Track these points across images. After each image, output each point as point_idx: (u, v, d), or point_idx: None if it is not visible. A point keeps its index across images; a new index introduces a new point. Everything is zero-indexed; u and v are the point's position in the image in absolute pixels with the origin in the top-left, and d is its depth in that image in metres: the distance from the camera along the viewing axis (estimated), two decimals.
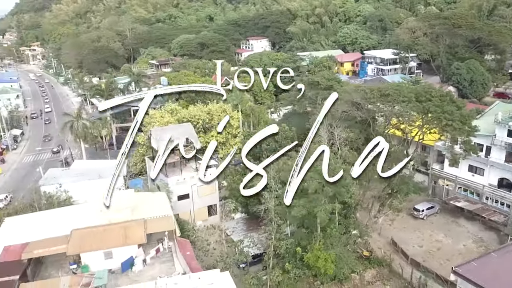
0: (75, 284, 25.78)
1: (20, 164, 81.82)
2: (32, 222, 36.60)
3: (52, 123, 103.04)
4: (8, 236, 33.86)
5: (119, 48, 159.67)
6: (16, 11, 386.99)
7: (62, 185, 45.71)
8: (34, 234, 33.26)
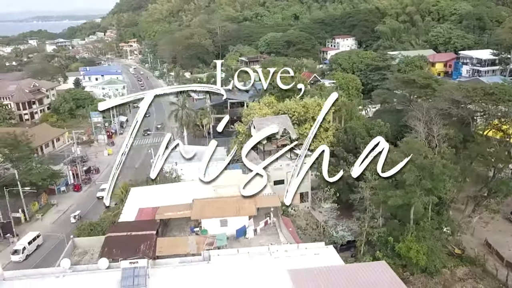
0: (200, 243, 30.38)
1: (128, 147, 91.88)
2: (154, 192, 42.62)
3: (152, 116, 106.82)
4: (138, 201, 39.99)
5: (210, 45, 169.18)
6: (116, 10, 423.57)
7: (173, 164, 51.84)
8: (158, 201, 39.01)
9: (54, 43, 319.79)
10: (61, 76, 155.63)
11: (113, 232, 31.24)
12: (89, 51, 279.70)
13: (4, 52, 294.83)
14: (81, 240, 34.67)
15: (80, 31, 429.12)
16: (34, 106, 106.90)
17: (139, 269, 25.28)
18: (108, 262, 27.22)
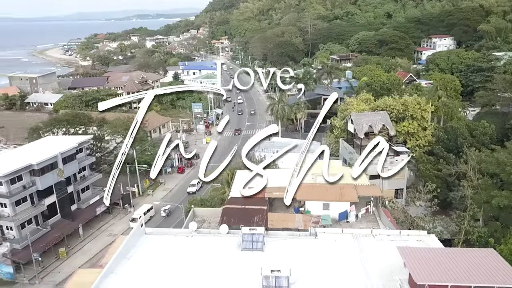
0: (306, 221, 33.48)
1: (222, 137, 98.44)
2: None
3: (244, 114, 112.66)
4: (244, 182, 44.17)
5: (300, 43, 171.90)
6: (209, 9, 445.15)
7: (268, 154, 55.61)
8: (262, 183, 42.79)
9: (153, 40, 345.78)
10: (161, 69, 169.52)
11: (229, 204, 35.56)
12: (183, 47, 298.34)
13: (111, 47, 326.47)
14: (200, 210, 39.78)
15: (175, 28, 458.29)
16: None
17: (257, 235, 28.97)
18: (227, 228, 31.40)
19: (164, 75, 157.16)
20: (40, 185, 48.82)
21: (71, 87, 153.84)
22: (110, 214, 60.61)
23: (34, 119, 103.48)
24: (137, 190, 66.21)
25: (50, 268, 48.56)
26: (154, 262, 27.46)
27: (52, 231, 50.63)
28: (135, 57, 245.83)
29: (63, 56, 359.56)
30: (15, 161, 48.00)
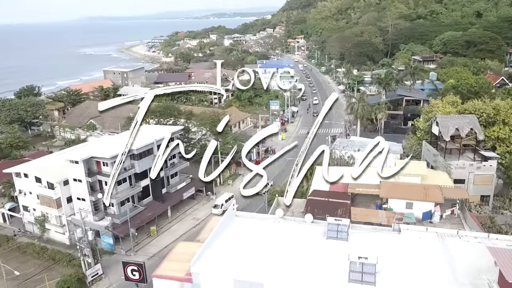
0: (389, 217, 34.30)
1: (297, 134, 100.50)
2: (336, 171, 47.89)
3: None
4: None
5: (379, 43, 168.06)
6: (286, 8, 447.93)
7: (348, 152, 56.54)
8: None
9: (231, 38, 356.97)
10: (239, 67, 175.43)
11: (313, 196, 37.42)
12: (260, 46, 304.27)
13: (191, 45, 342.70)
14: (283, 199, 42.00)
15: (252, 27, 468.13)
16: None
17: (342, 226, 30.50)
18: (312, 217, 33.27)
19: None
20: (138, 168, 54.42)
21: (157, 81, 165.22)
22: (194, 200, 65.37)
23: (126, 110, 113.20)
24: (219, 179, 70.35)
25: (142, 244, 54.00)
26: (245, 241, 30.21)
27: (145, 210, 56.17)
28: (213, 54, 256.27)
29: (147, 52, 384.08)
30: (118, 145, 53.83)
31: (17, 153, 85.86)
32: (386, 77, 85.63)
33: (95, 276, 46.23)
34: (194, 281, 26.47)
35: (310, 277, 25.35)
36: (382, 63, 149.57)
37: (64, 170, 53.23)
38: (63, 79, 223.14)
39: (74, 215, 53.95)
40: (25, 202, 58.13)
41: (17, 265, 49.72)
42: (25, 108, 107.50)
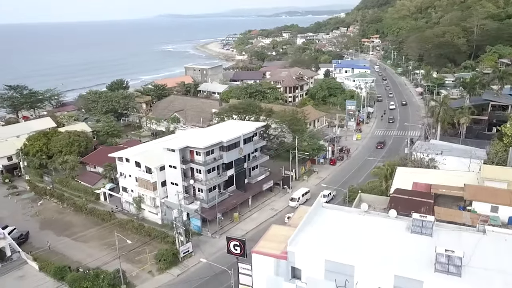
0: (474, 218, 35.25)
1: (372, 135, 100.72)
2: (417, 173, 49.06)
3: (395, 122, 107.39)
4: (406, 177, 47.20)
5: (463, 44, 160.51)
6: (361, 6, 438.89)
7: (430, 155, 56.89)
8: (426, 179, 45.26)
9: (303, 37, 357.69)
10: (313, 66, 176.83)
11: (396, 194, 39.25)
12: (333, 45, 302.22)
13: (264, 43, 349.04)
14: (366, 195, 44.37)
15: (325, 26, 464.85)
16: (297, 91, 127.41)
17: (427, 222, 32.14)
18: (396, 213, 35.22)
19: (316, 72, 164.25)
20: (225, 159, 59.34)
21: (233, 79, 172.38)
22: (272, 192, 69.27)
23: (207, 105, 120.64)
24: (295, 174, 73.65)
25: (226, 228, 58.87)
26: (333, 229, 33.08)
27: (230, 198, 61.05)
28: (287, 53, 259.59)
29: (221, 50, 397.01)
30: (209, 138, 59.25)
31: (112, 140, 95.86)
32: (471, 80, 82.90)
33: (186, 253, 51.73)
34: (289, 258, 29.92)
35: (397, 264, 27.65)
36: (464, 65, 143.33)
37: (160, 157, 59.59)
38: (146, 74, 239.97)
39: (167, 198, 60.30)
40: (125, 184, 65.69)
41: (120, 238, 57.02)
42: (118, 100, 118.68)
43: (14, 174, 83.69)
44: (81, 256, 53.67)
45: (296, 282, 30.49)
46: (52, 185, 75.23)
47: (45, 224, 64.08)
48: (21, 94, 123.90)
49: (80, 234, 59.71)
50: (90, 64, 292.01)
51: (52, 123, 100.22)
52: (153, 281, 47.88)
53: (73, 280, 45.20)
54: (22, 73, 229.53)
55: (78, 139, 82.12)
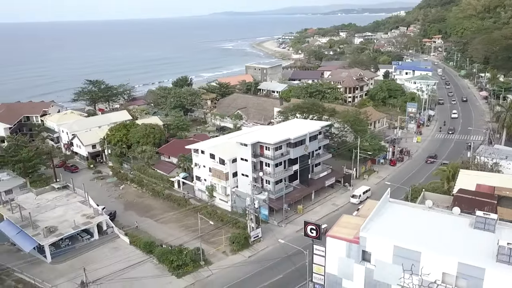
0: None
1: (432, 138, 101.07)
2: (480, 175, 50.97)
3: (455, 133, 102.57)
4: (468, 179, 49.39)
5: None
6: (424, 5, 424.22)
7: (494, 159, 58.10)
8: (489, 182, 47.27)
9: (361, 36, 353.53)
10: (373, 67, 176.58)
11: (459, 193, 41.94)
12: (392, 45, 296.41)
13: (321, 42, 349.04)
14: (429, 194, 47.29)
15: (383, 25, 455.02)
16: (357, 91, 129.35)
17: (490, 219, 34.83)
18: (459, 210, 38.10)
19: (375, 73, 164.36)
20: (292, 155, 64.00)
21: (291, 78, 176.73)
22: (333, 188, 73.06)
23: (268, 103, 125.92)
24: (355, 173, 76.86)
25: (291, 218, 63.61)
26: (400, 220, 36.70)
27: (294, 191, 65.77)
28: (344, 53, 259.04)
29: (277, 48, 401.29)
30: (277, 135, 64.19)
31: (182, 133, 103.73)
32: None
33: (256, 237, 57.11)
34: (360, 243, 34.05)
35: (460, 252, 30.92)
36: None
37: (232, 150, 65.43)
38: (207, 71, 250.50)
39: (237, 188, 66.09)
40: (198, 173, 72.34)
41: (194, 221, 63.60)
42: (186, 97, 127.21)
43: (96, 160, 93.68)
44: (162, 235, 60.69)
45: (365, 264, 34.56)
46: (131, 171, 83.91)
47: (128, 205, 72.27)
48: (98, 88, 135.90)
49: (160, 216, 67.10)
50: (152, 61, 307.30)
51: (128, 116, 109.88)
52: (227, 260, 53.70)
53: (161, 253, 52.04)
54: (94, 69, 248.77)
55: (153, 131, 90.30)
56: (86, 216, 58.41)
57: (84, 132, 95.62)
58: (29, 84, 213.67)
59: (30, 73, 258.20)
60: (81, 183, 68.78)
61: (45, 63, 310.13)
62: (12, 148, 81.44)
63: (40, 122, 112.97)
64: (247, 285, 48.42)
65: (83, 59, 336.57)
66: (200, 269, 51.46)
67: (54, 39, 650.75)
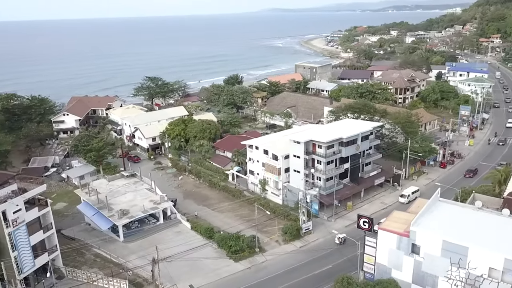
0: None
1: (485, 142, 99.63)
2: None
3: (505, 146, 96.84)
4: None
5: None
6: (482, 2, 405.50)
7: None
8: None
9: (413, 35, 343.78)
10: (425, 68, 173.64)
11: (509, 196, 43.46)
12: (446, 45, 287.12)
13: (371, 41, 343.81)
14: (479, 195, 48.92)
15: (437, 23, 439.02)
16: (407, 92, 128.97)
17: None
18: (509, 212, 39.85)
19: (427, 74, 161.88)
20: (343, 154, 66.90)
21: (341, 77, 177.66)
22: (382, 188, 75.12)
23: (317, 102, 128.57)
24: (404, 173, 78.33)
25: (340, 214, 66.65)
26: (449, 218, 39.13)
27: (344, 188, 68.67)
28: (394, 52, 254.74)
29: (326, 46, 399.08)
30: (330, 134, 67.32)
31: (234, 130, 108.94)
32: None
33: (307, 230, 60.77)
34: (410, 236, 36.96)
35: (508, 249, 33.10)
36: None
37: (285, 147, 69.31)
38: (257, 69, 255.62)
39: (289, 182, 69.97)
40: (252, 168, 76.88)
41: (247, 211, 68.35)
42: (238, 95, 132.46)
43: (156, 152, 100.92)
44: (219, 223, 65.77)
45: (414, 256, 37.47)
46: (188, 163, 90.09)
47: (187, 194, 78.22)
48: (156, 84, 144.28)
49: (216, 206, 72.40)
50: (203, 58, 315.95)
51: (185, 112, 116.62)
52: (280, 248, 57.84)
53: (220, 239, 57.08)
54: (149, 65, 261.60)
55: (209, 127, 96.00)
56: (153, 202, 64.70)
57: (145, 126, 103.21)
58: (91, 79, 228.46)
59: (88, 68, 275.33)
60: (139, 170, 75.60)
61: (102, 59, 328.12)
62: (84, 139, 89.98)
63: (105, 115, 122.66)
64: (299, 273, 52.26)
65: (136, 56, 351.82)
66: (255, 255, 55.93)
67: (104, 35, 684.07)
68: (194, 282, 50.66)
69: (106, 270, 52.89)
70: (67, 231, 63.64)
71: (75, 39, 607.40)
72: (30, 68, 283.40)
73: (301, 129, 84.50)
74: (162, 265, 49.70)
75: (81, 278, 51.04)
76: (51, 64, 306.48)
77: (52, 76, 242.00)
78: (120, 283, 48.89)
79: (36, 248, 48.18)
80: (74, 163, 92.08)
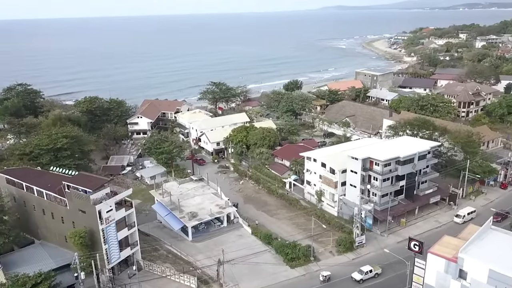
0: None
1: None
2: None
3: None
4: None
5: None
6: None
7: None
8: None
9: (484, 39, 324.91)
10: (493, 78, 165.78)
11: None
12: None
13: (437, 44, 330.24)
14: None
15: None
16: (471, 106, 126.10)
17: None
18: None
19: (495, 85, 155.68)
20: (400, 172, 69.25)
21: (402, 85, 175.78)
22: (437, 206, 76.23)
23: (377, 112, 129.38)
24: (461, 192, 78.68)
25: (393, 230, 69.13)
26: (499, 247, 41.18)
27: (399, 205, 71.02)
28: (462, 58, 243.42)
29: (388, 49, 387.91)
30: (387, 152, 69.90)
31: (292, 137, 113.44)
32: None
33: (360, 243, 64.21)
34: (458, 262, 39.72)
35: None
36: None
37: (342, 161, 72.79)
38: (318, 72, 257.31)
39: (345, 196, 73.48)
40: (309, 178, 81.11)
41: (303, 221, 72.86)
42: (297, 102, 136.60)
43: (219, 156, 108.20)
44: (276, 229, 70.91)
45: (461, 281, 40.18)
46: (249, 169, 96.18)
47: (247, 199, 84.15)
48: (220, 89, 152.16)
49: (274, 212, 77.65)
50: (266, 60, 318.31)
51: (247, 118, 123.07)
52: (333, 259, 61.93)
53: (278, 246, 62.30)
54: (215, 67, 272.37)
55: (269, 135, 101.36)
56: (219, 206, 71.36)
57: (210, 131, 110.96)
58: (157, 80, 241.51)
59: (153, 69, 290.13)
60: (207, 175, 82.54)
61: (159, 61, 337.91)
62: (157, 142, 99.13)
63: (174, 118, 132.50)
64: (351, 283, 56.14)
65: (203, 56, 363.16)
66: (310, 263, 60.51)
67: (137, 35, 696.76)
68: (254, 284, 56.28)
69: (177, 266, 59.99)
70: (142, 227, 71.95)
71: (113, 39, 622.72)
72: (104, 67, 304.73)
73: (359, 144, 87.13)
74: (226, 266, 55.91)
75: (156, 271, 58.53)
76: (121, 63, 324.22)
77: (122, 76, 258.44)
78: (190, 279, 55.68)
79: (121, 243, 56.23)
80: (146, 163, 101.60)
